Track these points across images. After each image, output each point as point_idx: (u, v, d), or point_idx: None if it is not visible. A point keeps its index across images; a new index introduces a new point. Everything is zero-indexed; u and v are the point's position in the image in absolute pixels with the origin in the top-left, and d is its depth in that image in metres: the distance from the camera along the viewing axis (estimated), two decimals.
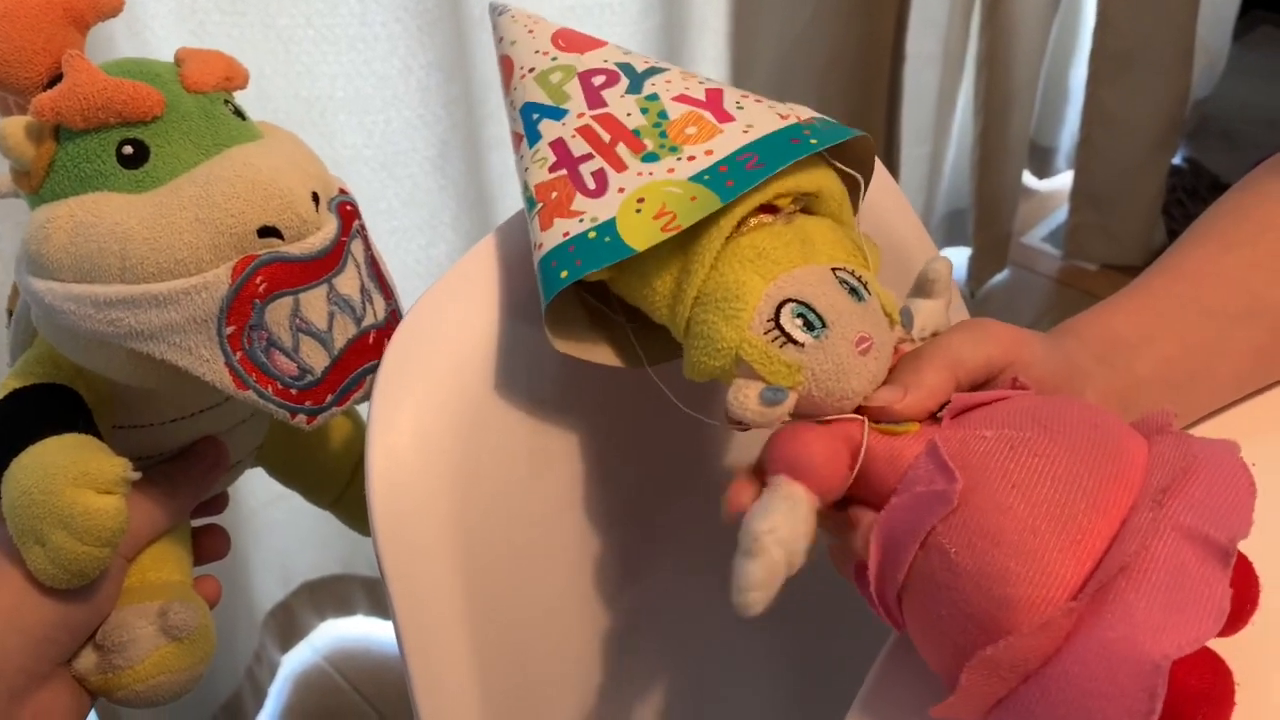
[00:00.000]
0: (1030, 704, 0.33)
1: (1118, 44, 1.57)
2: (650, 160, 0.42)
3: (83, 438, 0.41)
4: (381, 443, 0.43)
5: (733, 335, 0.39)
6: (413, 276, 1.03)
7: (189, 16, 0.85)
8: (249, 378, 0.41)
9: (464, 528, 0.46)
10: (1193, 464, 0.35)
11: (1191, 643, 0.31)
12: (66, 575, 0.40)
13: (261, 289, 0.40)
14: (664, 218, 0.40)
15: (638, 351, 0.45)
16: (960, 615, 0.34)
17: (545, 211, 0.43)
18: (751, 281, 0.39)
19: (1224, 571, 0.32)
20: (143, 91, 0.40)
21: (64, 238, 0.40)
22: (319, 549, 1.20)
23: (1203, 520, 0.33)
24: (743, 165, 0.41)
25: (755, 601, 0.36)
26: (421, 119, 0.96)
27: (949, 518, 0.35)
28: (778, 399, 0.38)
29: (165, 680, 0.44)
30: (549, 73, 0.47)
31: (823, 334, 0.38)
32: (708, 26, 1.16)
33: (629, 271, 0.43)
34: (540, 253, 0.42)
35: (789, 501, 0.37)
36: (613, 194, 0.42)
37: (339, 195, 0.45)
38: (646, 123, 0.44)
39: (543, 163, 0.44)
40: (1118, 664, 0.31)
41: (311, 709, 1.23)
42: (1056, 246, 1.80)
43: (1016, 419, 0.37)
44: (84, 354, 0.42)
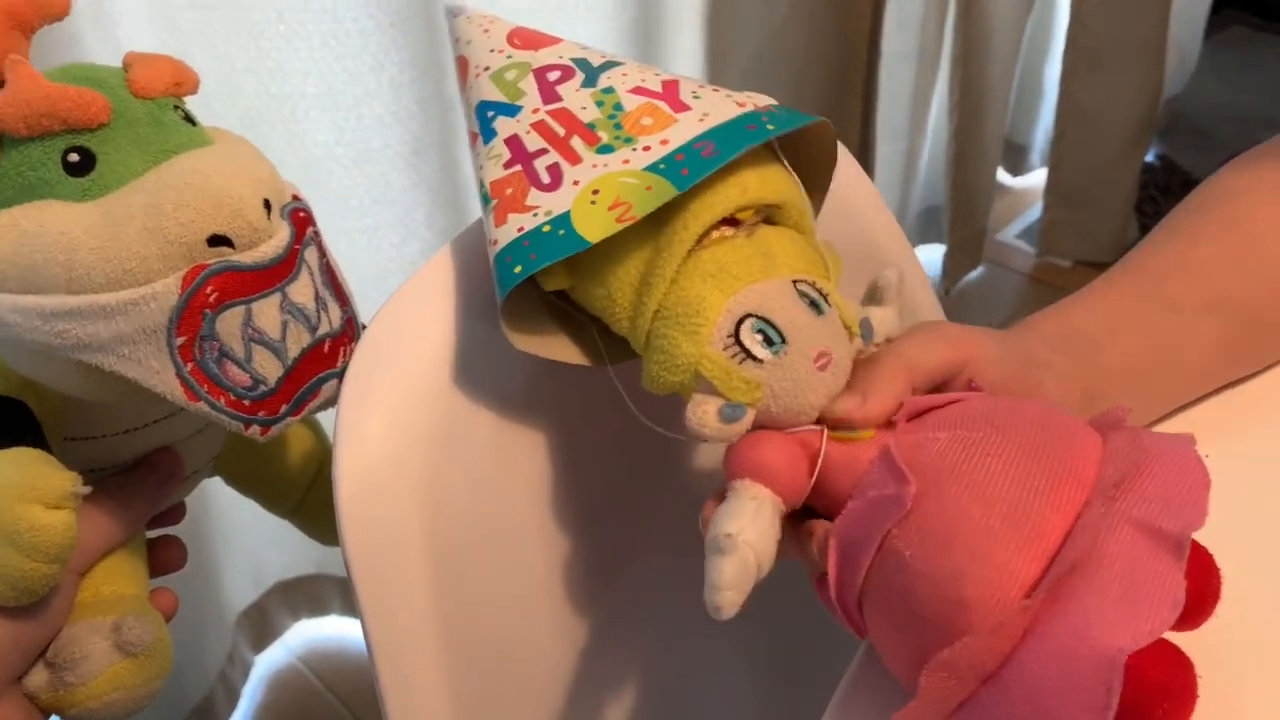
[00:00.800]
0: (991, 705, 0.33)
1: (1091, 41, 1.58)
2: (605, 152, 0.42)
3: (31, 451, 0.41)
4: (350, 444, 0.43)
5: (692, 351, 0.39)
6: (385, 275, 1.02)
7: (159, 13, 0.84)
8: (200, 389, 0.40)
9: (434, 529, 0.45)
10: (1145, 458, 0.35)
11: (1147, 635, 0.31)
12: (15, 593, 0.39)
13: (212, 299, 0.40)
14: (619, 208, 0.40)
15: (601, 350, 0.45)
16: (917, 618, 0.35)
17: (500, 208, 0.42)
18: (712, 296, 0.39)
19: (1178, 563, 0.33)
20: (88, 97, 0.40)
21: (8, 248, 0.39)
22: (292, 549, 1.19)
23: (1155, 513, 0.34)
24: (699, 153, 0.41)
25: (729, 601, 0.36)
26: (394, 115, 0.95)
27: (904, 521, 0.35)
28: (736, 415, 0.38)
29: (120, 697, 0.43)
30: (504, 70, 0.46)
31: (782, 350, 0.38)
32: (683, 22, 1.16)
33: (590, 281, 0.42)
34: (495, 249, 0.42)
35: (755, 503, 0.37)
36: (567, 187, 0.42)
37: (292, 202, 0.44)
38: (601, 115, 0.43)
39: (497, 160, 0.44)
40: (1074, 660, 0.31)
41: (286, 710, 1.23)
42: (1031, 243, 1.81)
43: (970, 420, 0.37)
44: (31, 366, 0.42)
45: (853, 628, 0.38)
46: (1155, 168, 1.84)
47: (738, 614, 0.36)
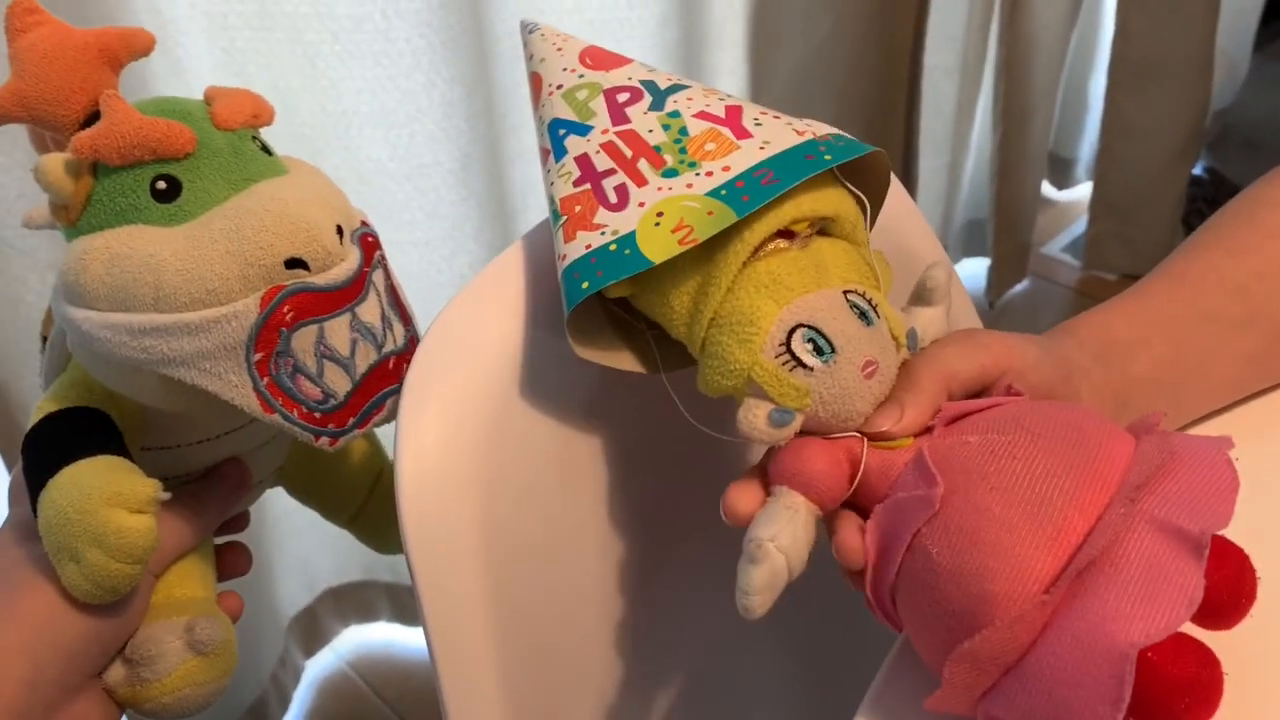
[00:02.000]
0: (1012, 694, 0.34)
1: (1137, 54, 1.56)
2: (670, 176, 0.44)
3: (115, 459, 0.43)
4: (410, 446, 0.45)
5: (745, 358, 0.40)
6: (435, 287, 1.04)
7: (219, 34, 0.86)
8: (275, 402, 0.42)
9: (489, 529, 0.47)
10: (1171, 460, 0.36)
11: (1160, 630, 0.32)
12: (99, 591, 0.42)
13: (288, 317, 0.42)
14: (681, 231, 0.42)
15: (656, 358, 0.46)
16: (943, 612, 0.36)
17: (569, 224, 0.44)
18: (765, 306, 0.41)
19: (1197, 562, 0.33)
20: (175, 129, 0.42)
21: (100, 269, 0.41)
22: (342, 555, 1.21)
23: (1175, 513, 0.34)
24: (758, 181, 0.42)
25: (758, 605, 0.38)
26: (445, 132, 0.97)
27: (932, 520, 0.37)
28: (785, 420, 0.40)
29: (191, 693, 0.46)
30: (576, 89, 0.48)
31: (831, 359, 0.40)
32: (726, 39, 1.17)
33: (650, 290, 0.44)
34: (564, 264, 0.43)
35: (790, 511, 0.39)
36: (633, 208, 0.43)
37: (361, 227, 0.47)
38: (668, 139, 0.45)
39: (568, 177, 0.46)
40: (1089, 653, 0.32)
41: (335, 714, 1.25)
42: (1076, 257, 1.80)
43: (1002, 424, 0.39)
44: (117, 379, 0.44)
45: (889, 622, 0.40)
46: (1203, 180, 1.82)
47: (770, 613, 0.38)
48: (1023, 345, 0.44)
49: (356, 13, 0.88)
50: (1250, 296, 0.49)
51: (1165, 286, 0.50)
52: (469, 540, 0.46)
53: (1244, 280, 0.49)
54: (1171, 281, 0.50)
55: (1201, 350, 0.48)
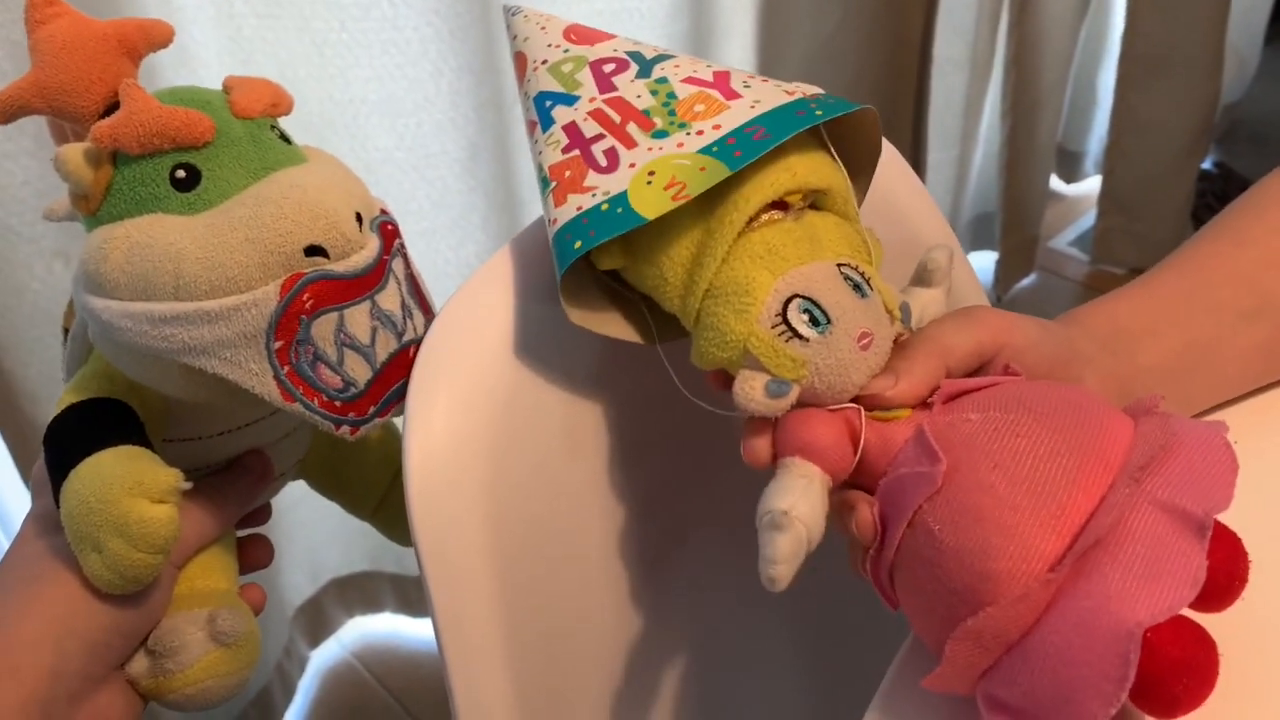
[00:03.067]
0: (1013, 672, 0.34)
1: (1147, 48, 1.56)
2: (660, 137, 0.44)
3: (136, 449, 0.43)
4: (418, 435, 0.45)
5: (741, 328, 0.40)
6: (443, 276, 1.04)
7: (226, 21, 0.86)
8: (296, 390, 0.42)
9: (497, 517, 0.47)
10: (1173, 441, 0.36)
11: (1165, 610, 0.32)
12: (122, 581, 0.42)
13: (308, 305, 0.42)
14: (674, 187, 0.41)
15: (652, 329, 0.46)
16: (945, 590, 0.36)
17: (559, 190, 0.44)
18: (761, 277, 0.41)
19: (1200, 543, 0.33)
20: (194, 118, 0.42)
21: (120, 258, 0.41)
22: (347, 546, 1.21)
23: (1179, 494, 0.34)
24: (750, 137, 0.42)
25: (782, 575, 0.37)
26: (452, 121, 0.97)
27: (934, 497, 0.37)
28: (782, 391, 0.40)
29: (213, 684, 0.46)
30: (561, 64, 0.48)
31: (827, 330, 0.40)
32: (735, 31, 1.17)
33: (643, 260, 0.44)
34: (555, 227, 0.43)
35: (805, 480, 0.39)
36: (624, 169, 0.43)
37: (380, 215, 0.47)
38: (656, 103, 0.45)
39: (556, 145, 0.45)
40: (1093, 632, 0.32)
41: (339, 705, 1.25)
42: (1084, 251, 1.80)
43: (1003, 403, 0.38)
44: (139, 369, 0.44)
45: (885, 599, 0.40)
46: (1213, 175, 1.82)
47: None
48: (1023, 323, 0.44)
49: (364, 0, 0.88)
50: (1259, 287, 0.49)
51: (1173, 277, 0.50)
52: (477, 529, 0.46)
53: (1253, 271, 0.49)
54: (1179, 272, 0.50)
55: (1209, 341, 0.48)
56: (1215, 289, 0.49)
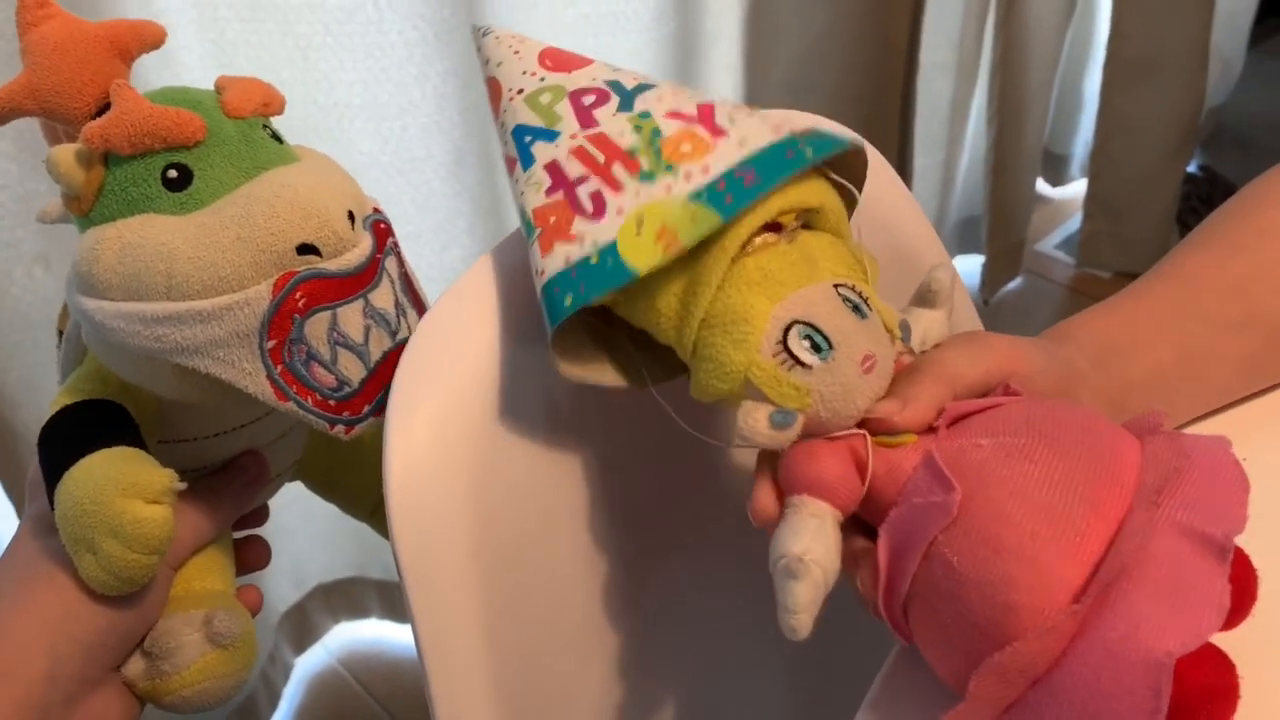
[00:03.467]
0: (1040, 708, 0.33)
1: (1132, 52, 1.57)
2: (647, 180, 0.42)
3: (131, 450, 0.43)
4: (399, 444, 0.44)
5: (741, 359, 0.39)
6: (427, 281, 1.03)
7: (210, 25, 0.86)
8: (290, 390, 0.42)
9: (479, 527, 0.46)
10: (1185, 462, 0.36)
11: (1194, 639, 0.31)
12: (117, 582, 0.41)
13: (301, 304, 0.42)
14: (665, 238, 0.40)
15: (643, 373, 0.45)
16: (965, 623, 0.35)
17: (545, 237, 0.43)
18: (759, 304, 0.39)
19: (1222, 567, 0.33)
20: (186, 118, 0.42)
21: (112, 258, 0.41)
22: (332, 552, 1.21)
23: (1198, 517, 0.34)
24: (740, 182, 0.41)
25: (803, 624, 0.37)
26: (437, 125, 0.97)
27: (949, 528, 0.36)
28: (787, 422, 0.38)
29: (210, 686, 0.46)
30: (538, 94, 0.47)
31: (829, 355, 0.39)
32: (722, 34, 1.17)
33: (632, 295, 0.43)
34: (542, 279, 0.42)
35: (816, 519, 0.38)
36: (611, 216, 0.42)
37: (373, 214, 0.47)
38: (641, 141, 0.43)
39: (538, 186, 0.44)
40: (1123, 663, 0.32)
41: (325, 711, 1.24)
42: (1070, 254, 1.80)
43: (1012, 426, 0.38)
44: (132, 370, 0.44)
45: (899, 633, 0.39)
46: (1198, 178, 1.83)
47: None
48: (1029, 350, 0.43)
49: (348, 4, 0.88)
50: (1246, 297, 0.49)
51: (1162, 287, 0.50)
52: (458, 538, 0.46)
53: (1240, 281, 0.49)
54: (1168, 282, 0.50)
55: (1198, 353, 0.48)
56: (1203, 300, 0.49)
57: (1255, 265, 0.49)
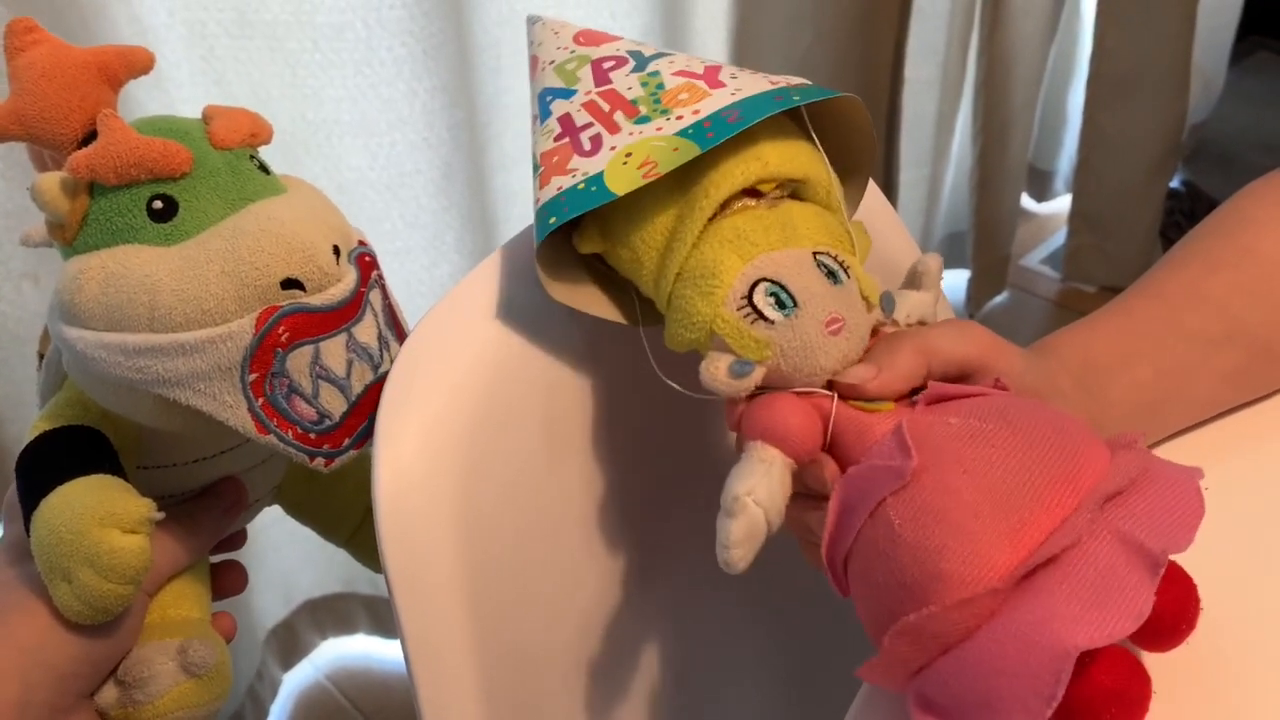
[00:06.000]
0: (947, 675, 0.35)
1: (1115, 69, 1.58)
2: (642, 122, 0.45)
3: (109, 479, 0.42)
4: (388, 458, 0.44)
5: (707, 310, 0.41)
6: (416, 296, 1.04)
7: (199, 41, 0.86)
8: (270, 423, 0.42)
9: (468, 541, 0.47)
10: (1144, 477, 0.37)
11: (1104, 637, 0.33)
12: (91, 612, 0.41)
13: (284, 338, 0.42)
14: (646, 166, 0.43)
15: (637, 311, 0.47)
16: (895, 583, 0.36)
17: (545, 173, 0.45)
18: (729, 260, 0.42)
19: (1151, 579, 0.34)
20: (172, 149, 0.42)
21: (95, 288, 0.41)
22: (320, 568, 1.20)
23: (1140, 529, 0.35)
24: (724, 119, 0.43)
25: (738, 558, 0.38)
26: (426, 141, 0.97)
27: (900, 492, 0.37)
28: (745, 371, 0.40)
29: (183, 715, 0.45)
30: (566, 63, 0.49)
31: (794, 313, 0.40)
32: (708, 48, 1.18)
33: (619, 244, 0.45)
34: (536, 207, 0.44)
35: (764, 464, 0.40)
36: (605, 152, 0.44)
37: (358, 247, 0.47)
38: (645, 93, 0.46)
39: (549, 134, 0.47)
40: (1031, 647, 0.33)
41: None
42: (1055, 269, 1.81)
43: (985, 412, 0.39)
44: (112, 399, 0.44)
45: (836, 584, 0.40)
46: (1180, 193, 1.84)
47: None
48: (1011, 352, 0.44)
49: (337, 21, 0.88)
50: (1227, 313, 0.49)
51: (1145, 304, 0.51)
52: (447, 552, 0.46)
53: (1222, 297, 0.50)
54: (1151, 299, 0.51)
55: (1180, 369, 0.49)
56: (1186, 317, 0.49)
57: (1235, 282, 0.50)
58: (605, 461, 0.53)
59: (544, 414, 0.50)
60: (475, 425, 0.47)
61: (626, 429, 0.53)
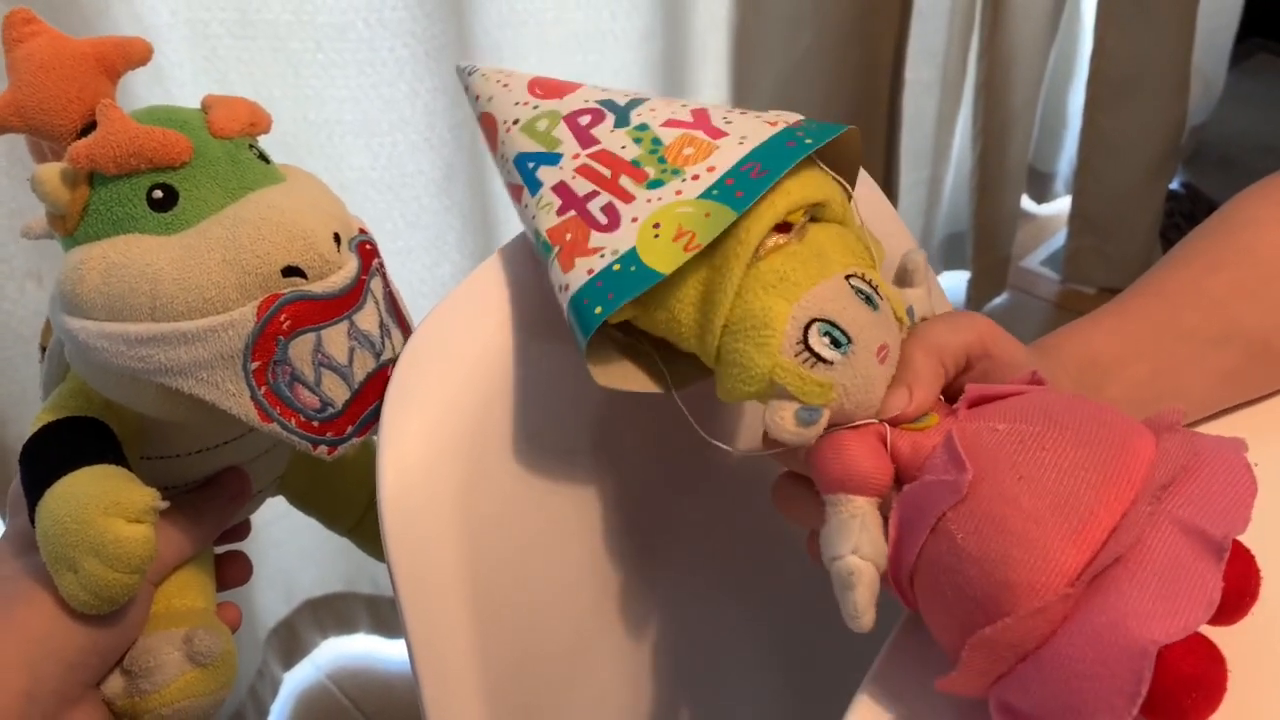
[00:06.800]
0: (1027, 682, 0.35)
1: (1115, 71, 1.58)
2: (656, 186, 0.43)
3: (113, 468, 0.43)
4: (392, 456, 0.44)
5: (765, 361, 0.40)
6: (418, 296, 1.04)
7: (201, 42, 0.86)
8: (273, 411, 0.42)
9: (472, 539, 0.47)
10: (1195, 461, 0.37)
11: (1179, 630, 0.33)
12: (97, 601, 0.41)
13: (285, 326, 0.42)
14: (683, 238, 0.41)
15: (667, 378, 0.46)
16: (964, 597, 0.36)
17: (564, 254, 0.43)
18: (777, 306, 0.40)
19: (1217, 565, 0.34)
20: (172, 138, 0.42)
21: (97, 278, 0.41)
22: (321, 567, 1.21)
23: (1200, 515, 0.35)
24: (747, 175, 0.42)
25: (868, 623, 0.39)
26: (428, 142, 0.97)
27: (959, 505, 0.37)
28: (813, 418, 0.40)
29: (189, 704, 0.45)
30: (534, 121, 0.47)
31: (849, 349, 0.40)
32: (709, 53, 1.18)
33: (653, 307, 0.43)
34: (568, 294, 0.43)
35: (858, 519, 0.39)
36: (626, 225, 0.43)
37: (359, 235, 0.47)
38: (643, 151, 0.45)
39: (549, 208, 0.45)
40: (1108, 648, 0.33)
41: None
42: (1055, 270, 1.82)
43: (1029, 414, 0.39)
44: (115, 389, 0.44)
45: (904, 601, 0.40)
46: (1180, 195, 1.84)
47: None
48: (1009, 340, 0.45)
49: (339, 21, 0.89)
50: (1226, 314, 0.50)
51: (1144, 303, 0.51)
52: (452, 550, 0.46)
53: (1221, 298, 0.50)
54: (1150, 298, 0.51)
55: (1178, 368, 0.49)
56: (1184, 317, 0.50)
57: (1234, 282, 0.50)
58: (608, 461, 0.53)
59: (547, 413, 0.50)
60: (479, 424, 0.47)
61: (630, 428, 0.53)
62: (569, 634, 0.55)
